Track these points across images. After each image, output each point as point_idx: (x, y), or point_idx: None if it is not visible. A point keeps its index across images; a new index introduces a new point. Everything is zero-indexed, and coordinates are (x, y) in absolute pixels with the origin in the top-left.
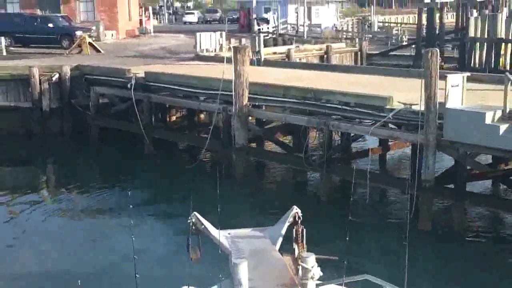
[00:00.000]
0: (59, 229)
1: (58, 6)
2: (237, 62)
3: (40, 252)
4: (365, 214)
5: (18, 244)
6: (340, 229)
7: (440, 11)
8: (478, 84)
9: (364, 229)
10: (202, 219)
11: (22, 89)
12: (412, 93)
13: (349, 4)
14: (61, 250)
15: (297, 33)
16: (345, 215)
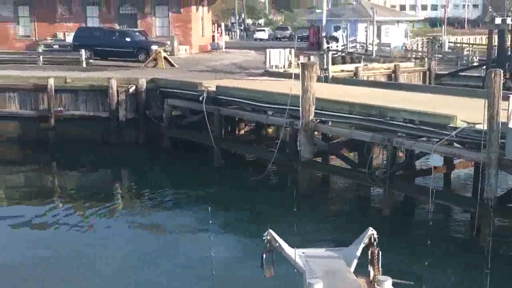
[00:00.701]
0: (132, 238)
1: (136, 21)
2: (305, 78)
3: (113, 260)
4: (428, 233)
5: (91, 251)
6: (405, 248)
7: (511, 33)
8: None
9: (429, 248)
10: (277, 236)
11: (101, 100)
12: (477, 113)
13: (421, 24)
14: (135, 260)
15: (366, 51)
16: (410, 233)
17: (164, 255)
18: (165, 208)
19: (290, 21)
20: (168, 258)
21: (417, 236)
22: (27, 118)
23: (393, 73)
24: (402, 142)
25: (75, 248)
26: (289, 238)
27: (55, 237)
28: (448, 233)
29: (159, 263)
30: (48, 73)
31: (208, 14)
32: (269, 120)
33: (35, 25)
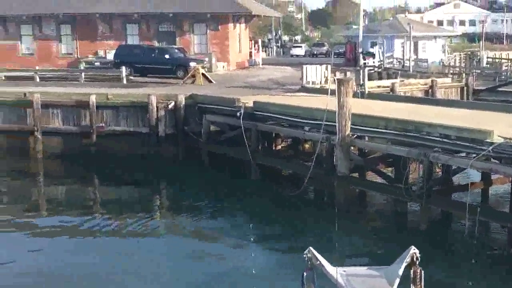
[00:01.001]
0: (171, 250)
1: (174, 39)
2: (341, 94)
3: (153, 272)
4: (466, 250)
5: (130, 261)
6: (444, 265)
7: None
8: None
9: (468, 265)
10: (318, 254)
11: (141, 116)
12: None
13: (459, 39)
14: (174, 273)
15: (403, 67)
16: (447, 250)
17: (203, 268)
18: (204, 221)
19: (326, 37)
20: (208, 272)
21: (455, 252)
22: (69, 134)
23: (430, 88)
24: (438, 157)
25: (114, 259)
26: (329, 255)
27: (96, 248)
28: (486, 249)
29: (198, 276)
30: (90, 90)
31: (245, 31)
32: (305, 135)
33: (77, 43)
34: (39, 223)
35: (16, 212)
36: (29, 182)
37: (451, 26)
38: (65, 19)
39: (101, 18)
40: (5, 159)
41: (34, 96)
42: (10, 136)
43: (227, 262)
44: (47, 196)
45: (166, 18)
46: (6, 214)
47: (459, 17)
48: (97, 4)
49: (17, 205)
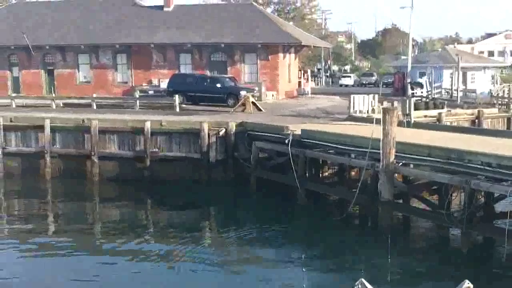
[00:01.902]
0: (219, 272)
1: (226, 68)
2: (386, 122)
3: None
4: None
5: (179, 284)
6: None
7: None
8: None
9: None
10: (369, 285)
11: (193, 142)
12: None
13: (510, 70)
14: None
15: (451, 97)
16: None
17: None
18: (253, 244)
19: (375, 67)
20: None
21: (497, 276)
22: (125, 158)
23: (476, 119)
24: (480, 184)
25: (165, 280)
26: (374, 280)
27: (147, 270)
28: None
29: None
30: (144, 117)
31: (294, 61)
32: (351, 162)
33: (132, 71)
34: (94, 245)
35: (72, 233)
36: (85, 203)
37: (502, 56)
38: (121, 48)
39: (155, 48)
40: (63, 182)
41: (92, 122)
42: (69, 159)
43: (274, 284)
44: (101, 218)
45: (218, 48)
46: (63, 234)
47: (510, 47)
48: (152, 34)
49: (73, 226)
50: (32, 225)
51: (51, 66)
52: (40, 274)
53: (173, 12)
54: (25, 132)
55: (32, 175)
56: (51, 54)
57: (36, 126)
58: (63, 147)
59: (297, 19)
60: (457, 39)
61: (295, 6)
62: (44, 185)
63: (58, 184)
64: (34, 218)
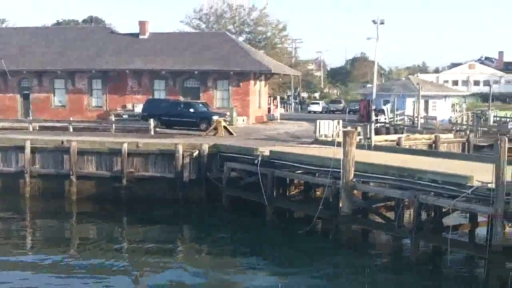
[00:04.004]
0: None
1: (199, 94)
2: (346, 144)
3: None
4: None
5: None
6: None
7: None
8: None
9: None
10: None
11: (168, 163)
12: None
13: (473, 99)
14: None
15: (413, 124)
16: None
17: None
18: (224, 258)
19: (344, 95)
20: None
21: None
22: (102, 178)
23: (433, 143)
24: (426, 198)
25: None
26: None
27: (123, 285)
28: (466, 277)
29: None
30: (121, 139)
31: (265, 88)
32: (315, 180)
33: (106, 96)
34: (69, 260)
35: (48, 250)
36: (63, 222)
37: (466, 86)
38: (97, 74)
39: (131, 74)
40: (42, 201)
41: (71, 143)
42: (48, 179)
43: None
44: (79, 235)
45: (192, 75)
46: (40, 251)
47: (473, 77)
48: (128, 61)
49: (50, 243)
50: (11, 242)
51: (27, 90)
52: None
53: (148, 39)
54: (6, 152)
55: (12, 194)
56: (28, 78)
57: (17, 146)
58: (42, 167)
59: (268, 48)
60: (424, 68)
61: (266, 35)
62: (24, 203)
63: (37, 203)
64: (13, 235)
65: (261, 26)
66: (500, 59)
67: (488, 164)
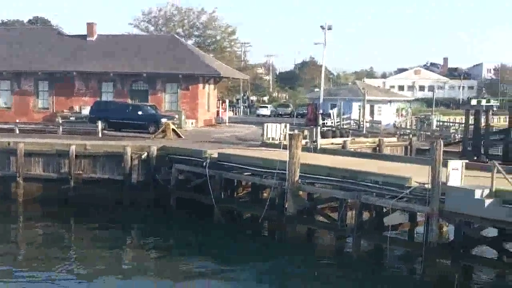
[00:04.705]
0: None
1: (147, 97)
2: (292, 146)
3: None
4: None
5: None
6: None
7: (486, 113)
8: (481, 172)
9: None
10: None
11: (116, 165)
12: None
13: (418, 103)
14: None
15: (358, 128)
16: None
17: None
18: (172, 259)
19: (293, 99)
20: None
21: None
22: (50, 180)
23: (377, 146)
24: (368, 199)
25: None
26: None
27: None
28: (404, 272)
29: None
30: (69, 141)
31: (214, 91)
32: (261, 181)
33: (53, 98)
34: (14, 263)
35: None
36: (9, 224)
37: (412, 91)
38: (44, 76)
39: (78, 76)
40: None
41: (18, 145)
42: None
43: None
44: (25, 238)
45: (140, 78)
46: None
47: (419, 82)
48: (75, 63)
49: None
50: None
51: None
52: None
53: (96, 41)
54: None
55: None
56: None
57: None
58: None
59: (217, 51)
60: (371, 73)
61: (215, 39)
62: None
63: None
64: None
65: (210, 30)
66: (445, 65)
67: (428, 166)
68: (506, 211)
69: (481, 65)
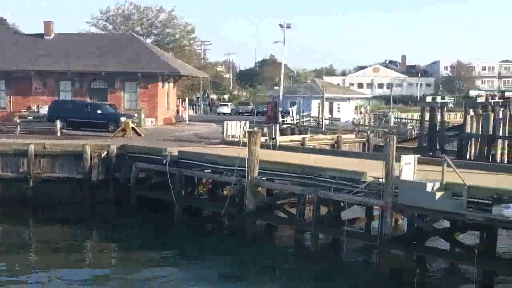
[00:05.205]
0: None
1: (106, 95)
2: (250, 143)
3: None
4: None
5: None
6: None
7: (441, 110)
8: (435, 166)
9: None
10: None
11: (75, 164)
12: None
13: (377, 101)
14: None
15: (318, 125)
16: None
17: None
18: (133, 256)
19: (253, 97)
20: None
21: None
22: (8, 180)
23: (336, 143)
24: (325, 194)
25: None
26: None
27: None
28: (360, 264)
29: None
30: (28, 140)
31: (173, 90)
32: (221, 178)
33: (10, 97)
34: None
35: None
36: None
37: (370, 88)
38: (0, 75)
39: (35, 75)
40: None
41: None
42: None
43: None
44: None
45: (99, 76)
46: None
47: (377, 80)
48: (32, 62)
49: None
50: None
51: None
52: None
53: (54, 40)
54: None
55: None
56: None
57: None
58: None
59: (176, 50)
60: (331, 71)
61: (174, 37)
62: None
63: None
64: None
65: (169, 28)
66: (403, 63)
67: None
68: (455, 203)
69: (439, 62)
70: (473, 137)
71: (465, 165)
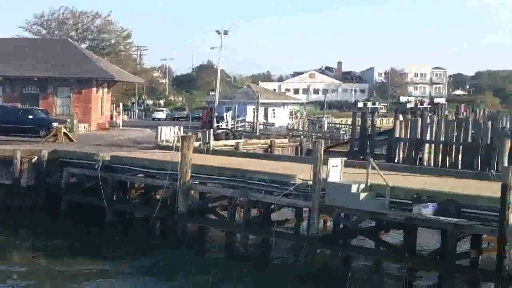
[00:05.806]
0: None
1: (38, 101)
2: (183, 147)
3: None
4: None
5: None
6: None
7: (371, 115)
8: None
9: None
10: None
11: (5, 169)
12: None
13: (312, 106)
14: None
15: (253, 130)
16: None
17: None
18: (63, 262)
19: (189, 102)
20: None
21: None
22: None
23: (269, 147)
24: (255, 196)
25: None
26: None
27: None
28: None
29: None
30: None
31: (107, 95)
32: (154, 182)
33: None
34: None
35: None
36: None
37: (307, 94)
38: None
39: None
40: None
41: None
42: None
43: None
44: None
45: (31, 81)
46: None
47: (313, 86)
48: None
49: None
50: None
51: None
52: None
53: None
54: None
55: None
56: None
57: None
58: None
59: (112, 55)
60: (268, 76)
61: (110, 42)
62: None
63: None
64: None
65: (105, 33)
66: (339, 69)
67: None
68: (378, 204)
69: (373, 69)
70: (402, 141)
71: (393, 168)
